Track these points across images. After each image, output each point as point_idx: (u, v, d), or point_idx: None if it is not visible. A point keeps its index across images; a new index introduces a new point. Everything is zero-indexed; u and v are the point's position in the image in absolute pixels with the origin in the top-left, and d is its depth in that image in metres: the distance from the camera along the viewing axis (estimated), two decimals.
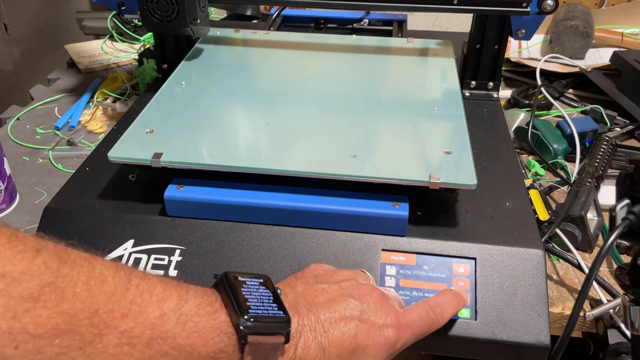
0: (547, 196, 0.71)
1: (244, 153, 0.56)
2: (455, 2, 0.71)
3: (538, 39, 1.13)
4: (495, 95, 0.80)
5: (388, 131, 0.61)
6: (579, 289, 0.50)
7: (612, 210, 0.44)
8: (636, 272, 0.45)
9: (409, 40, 0.84)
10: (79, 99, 0.95)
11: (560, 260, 0.62)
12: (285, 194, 0.54)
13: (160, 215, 0.55)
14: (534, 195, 0.67)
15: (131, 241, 0.54)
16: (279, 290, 0.40)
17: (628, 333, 0.51)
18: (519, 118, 0.85)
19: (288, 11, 1.04)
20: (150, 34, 1.10)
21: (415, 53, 0.81)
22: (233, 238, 0.53)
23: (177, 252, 0.53)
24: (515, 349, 0.49)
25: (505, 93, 0.98)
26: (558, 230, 0.63)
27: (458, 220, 0.55)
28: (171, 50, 0.81)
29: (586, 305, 0.57)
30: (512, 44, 1.12)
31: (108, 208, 0.56)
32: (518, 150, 0.82)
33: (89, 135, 0.86)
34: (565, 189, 0.74)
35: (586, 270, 0.60)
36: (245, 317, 0.35)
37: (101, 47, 1.16)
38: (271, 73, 0.74)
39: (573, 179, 0.72)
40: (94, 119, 0.90)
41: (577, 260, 0.60)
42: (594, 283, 0.58)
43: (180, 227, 0.54)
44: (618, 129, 0.88)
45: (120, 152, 0.55)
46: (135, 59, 1.08)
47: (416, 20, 1.81)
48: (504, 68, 0.98)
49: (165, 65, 0.82)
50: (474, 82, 0.79)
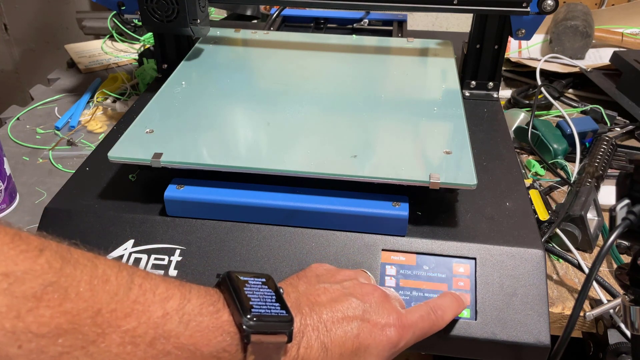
0: (547, 196, 0.71)
1: (244, 153, 0.56)
2: (455, 2, 0.71)
3: (538, 39, 1.13)
4: (495, 95, 0.80)
5: (388, 131, 0.61)
6: (579, 289, 0.50)
7: (612, 210, 0.44)
8: (636, 272, 0.45)
9: (409, 40, 0.84)
10: (79, 99, 0.95)
11: (560, 260, 0.62)
12: (285, 194, 0.54)
13: (160, 215, 0.55)
14: (534, 195, 0.67)
15: (131, 241, 0.54)
16: (281, 290, 0.40)
17: (628, 333, 0.51)
18: (519, 118, 0.85)
19: (288, 11, 1.04)
20: (150, 34, 1.10)
21: (415, 53, 0.81)
22: (233, 238, 0.54)
23: (177, 252, 0.53)
24: (515, 349, 0.49)
25: (505, 93, 0.98)
26: (558, 230, 0.63)
27: (458, 220, 0.55)
28: (171, 50, 0.81)
29: (586, 305, 0.57)
30: (512, 44, 1.12)
31: (108, 208, 0.56)
32: (518, 150, 0.82)
33: (89, 135, 0.86)
34: (565, 189, 0.74)
35: (586, 270, 0.60)
36: (248, 317, 0.35)
37: (101, 47, 1.16)
38: (271, 73, 0.74)
39: (573, 179, 0.72)
40: (94, 119, 0.90)
41: (577, 260, 0.60)
42: (594, 283, 0.58)
43: (180, 227, 0.54)
44: (618, 129, 0.88)
45: (120, 152, 0.55)
46: (135, 59, 1.08)
47: (416, 20, 1.81)
48: (504, 68, 0.98)
49: (165, 65, 0.82)
50: (474, 82, 0.79)
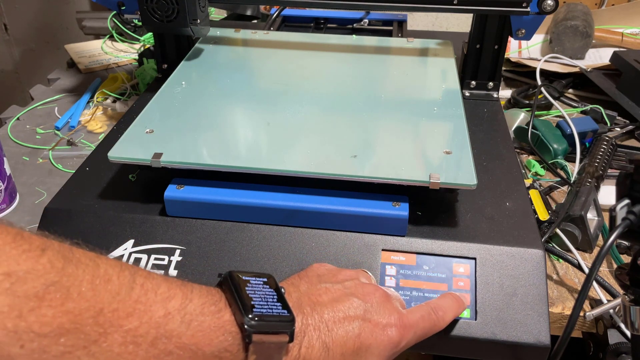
0: (547, 196, 0.71)
1: (244, 153, 0.56)
2: (455, 2, 0.71)
3: (538, 39, 1.13)
4: (495, 95, 0.80)
5: (388, 131, 0.61)
6: (579, 289, 0.50)
7: (612, 210, 0.45)
8: (636, 272, 0.45)
9: (409, 40, 0.84)
10: (79, 99, 0.95)
11: (560, 260, 0.62)
12: (285, 194, 0.54)
13: (160, 215, 0.55)
14: (534, 195, 0.67)
15: (131, 241, 0.54)
16: (282, 290, 0.40)
17: (628, 333, 0.51)
18: (519, 118, 0.85)
19: (288, 11, 1.04)
20: (150, 34, 1.10)
21: (415, 53, 0.81)
22: (233, 238, 0.54)
23: (177, 252, 0.53)
24: (515, 349, 0.49)
25: (505, 93, 0.98)
26: (558, 230, 0.63)
27: (458, 220, 0.55)
28: (171, 50, 0.81)
29: (586, 305, 0.58)
30: (512, 44, 1.12)
31: (108, 208, 0.56)
32: (518, 150, 0.82)
33: (89, 135, 0.86)
34: (565, 189, 0.74)
35: (586, 270, 0.60)
36: (250, 316, 0.35)
37: (101, 47, 1.16)
38: (271, 73, 0.74)
39: (573, 179, 0.72)
40: (94, 119, 0.90)
41: (577, 260, 0.61)
42: (594, 283, 0.58)
43: (180, 227, 0.54)
44: (618, 129, 0.88)
45: (120, 152, 0.55)
46: (135, 59, 1.08)
47: (416, 20, 1.81)
48: (504, 68, 0.98)
49: (165, 65, 0.82)
50: (474, 82, 0.79)
